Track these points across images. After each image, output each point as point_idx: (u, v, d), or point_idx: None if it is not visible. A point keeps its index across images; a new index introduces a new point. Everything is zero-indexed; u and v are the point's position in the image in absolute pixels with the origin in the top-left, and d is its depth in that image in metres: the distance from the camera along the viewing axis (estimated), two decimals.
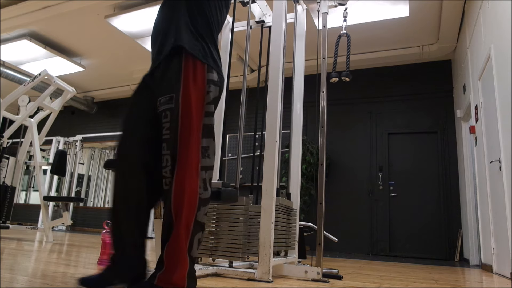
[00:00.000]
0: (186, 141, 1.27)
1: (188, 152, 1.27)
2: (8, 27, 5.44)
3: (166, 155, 1.28)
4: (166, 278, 1.22)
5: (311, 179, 5.57)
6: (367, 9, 4.63)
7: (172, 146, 1.28)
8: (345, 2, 2.58)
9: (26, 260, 2.23)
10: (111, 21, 5.14)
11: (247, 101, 2.61)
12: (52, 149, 7.95)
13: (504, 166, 2.97)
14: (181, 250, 1.24)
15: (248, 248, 2.13)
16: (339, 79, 2.45)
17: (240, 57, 5.83)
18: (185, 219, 1.25)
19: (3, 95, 6.25)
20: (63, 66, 6.73)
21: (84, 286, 1.27)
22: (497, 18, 3.08)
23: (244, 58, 2.51)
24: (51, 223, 4.13)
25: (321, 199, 2.22)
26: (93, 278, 1.29)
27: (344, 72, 2.47)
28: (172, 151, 1.27)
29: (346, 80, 2.48)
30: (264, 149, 2.15)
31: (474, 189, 4.54)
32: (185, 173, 1.26)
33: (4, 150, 4.33)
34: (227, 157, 6.30)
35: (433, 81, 5.77)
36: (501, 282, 2.67)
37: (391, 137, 5.85)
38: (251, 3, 2.69)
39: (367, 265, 3.53)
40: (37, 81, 4.25)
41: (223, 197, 1.70)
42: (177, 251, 1.25)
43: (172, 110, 1.28)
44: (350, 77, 2.48)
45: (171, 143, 1.28)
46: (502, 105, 3.01)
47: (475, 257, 4.42)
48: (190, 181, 1.26)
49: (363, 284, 2.10)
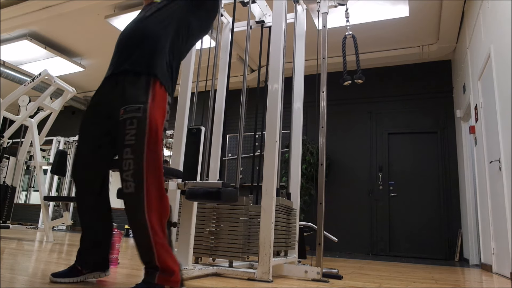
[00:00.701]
0: (153, 149, 1.35)
1: (156, 159, 1.35)
2: (8, 27, 5.44)
3: (128, 159, 1.33)
4: (166, 277, 1.32)
5: (311, 179, 5.58)
6: (367, 9, 4.63)
7: (137, 152, 1.33)
8: (345, 2, 2.58)
9: (26, 260, 2.23)
10: (111, 21, 5.14)
11: (247, 101, 2.61)
12: (52, 149, 7.96)
13: (504, 166, 2.97)
14: (169, 250, 1.36)
15: (248, 248, 2.13)
16: (352, 81, 2.44)
17: (240, 57, 5.83)
18: (162, 222, 1.35)
19: (3, 95, 6.25)
20: (63, 66, 6.73)
21: (56, 278, 1.47)
22: (497, 18, 3.08)
23: (244, 58, 2.52)
24: (51, 223, 4.13)
25: (321, 199, 2.22)
26: (63, 271, 1.51)
27: (356, 75, 2.46)
28: (136, 156, 1.33)
29: (359, 82, 2.47)
30: (264, 149, 2.15)
31: (474, 189, 4.54)
32: (155, 179, 1.34)
33: (5, 150, 4.34)
34: (227, 157, 6.31)
35: (433, 81, 5.77)
36: (501, 282, 2.67)
37: (391, 137, 5.85)
38: (251, 3, 2.69)
39: (367, 265, 3.53)
40: (37, 81, 4.26)
41: (223, 197, 1.70)
42: (167, 251, 1.35)
43: (140, 118, 1.36)
44: (363, 78, 2.46)
45: (137, 149, 1.33)
46: (502, 105, 3.01)
47: (475, 257, 4.42)
48: (160, 187, 1.35)
49: (363, 284, 2.10)
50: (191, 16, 1.64)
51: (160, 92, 1.45)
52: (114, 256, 2.18)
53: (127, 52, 1.52)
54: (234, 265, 2.20)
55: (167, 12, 1.59)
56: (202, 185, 1.76)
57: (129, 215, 1.34)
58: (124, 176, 1.32)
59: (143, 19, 1.58)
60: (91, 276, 1.57)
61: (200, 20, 1.69)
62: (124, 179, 1.32)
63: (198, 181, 1.84)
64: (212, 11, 1.74)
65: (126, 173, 1.32)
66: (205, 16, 1.71)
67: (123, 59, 1.51)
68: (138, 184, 1.31)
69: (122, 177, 1.33)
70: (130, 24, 1.60)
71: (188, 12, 1.63)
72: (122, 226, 6.88)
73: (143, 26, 1.55)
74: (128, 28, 1.59)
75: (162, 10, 1.60)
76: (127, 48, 1.53)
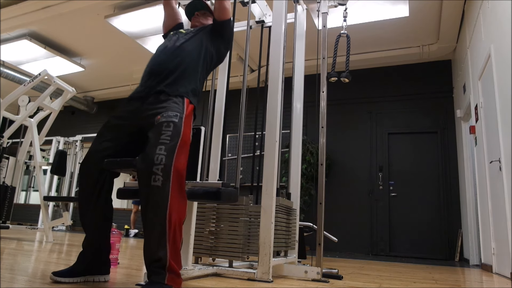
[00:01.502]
0: (182, 152, 1.50)
1: (183, 161, 1.48)
2: (8, 27, 5.44)
3: (161, 155, 1.42)
4: (173, 278, 1.37)
5: (311, 179, 5.57)
6: (367, 9, 4.63)
7: (170, 150, 1.44)
8: (345, 2, 2.58)
9: (26, 260, 2.23)
10: (111, 21, 5.14)
11: (247, 101, 2.61)
12: (52, 149, 7.96)
13: (504, 166, 2.97)
14: (178, 251, 1.42)
15: (248, 248, 2.13)
16: (338, 79, 2.45)
17: (240, 57, 5.83)
18: (180, 222, 1.43)
19: (3, 95, 6.24)
20: (63, 66, 6.73)
21: (56, 276, 1.49)
22: (497, 18, 3.08)
23: (244, 58, 2.51)
24: (51, 223, 4.13)
25: (321, 199, 2.22)
26: (64, 270, 1.53)
27: (343, 73, 2.47)
28: (168, 155, 1.43)
29: (345, 81, 2.48)
30: (264, 149, 2.15)
31: (474, 189, 4.54)
32: (179, 178, 1.43)
33: (4, 150, 4.33)
34: (227, 157, 6.31)
35: (433, 81, 5.77)
36: (501, 282, 2.67)
37: (391, 137, 5.85)
38: (251, 3, 2.69)
39: (367, 265, 3.53)
40: (37, 81, 4.25)
41: (223, 197, 1.70)
42: (177, 251, 1.39)
43: (176, 124, 1.53)
44: (350, 78, 2.48)
45: (170, 148, 1.45)
46: (502, 105, 3.01)
47: (475, 257, 4.42)
48: (182, 187, 1.45)
49: (363, 284, 2.10)
50: (213, 46, 1.91)
51: (190, 110, 1.66)
52: (114, 256, 2.18)
53: (162, 76, 1.70)
54: (234, 265, 2.20)
55: (195, 43, 1.84)
56: (202, 185, 1.76)
57: (150, 209, 1.37)
58: (154, 169, 1.38)
59: (175, 48, 1.78)
60: (91, 278, 1.58)
61: (220, 50, 1.96)
62: (153, 172, 1.37)
63: (198, 181, 1.84)
64: (230, 40, 2.02)
65: (157, 167, 1.38)
66: (224, 47, 1.98)
67: (157, 82, 1.68)
68: (166, 179, 1.37)
69: (151, 170, 1.38)
70: (163, 52, 1.79)
71: (212, 42, 1.91)
72: (122, 226, 6.88)
73: (176, 54, 1.76)
74: (162, 55, 1.78)
75: (191, 41, 1.84)
76: (161, 73, 1.71)
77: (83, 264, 1.56)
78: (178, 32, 1.94)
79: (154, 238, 1.35)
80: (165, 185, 1.36)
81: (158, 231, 1.35)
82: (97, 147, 1.62)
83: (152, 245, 1.35)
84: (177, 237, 1.39)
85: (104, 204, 1.60)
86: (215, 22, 1.96)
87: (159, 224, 1.35)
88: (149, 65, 1.78)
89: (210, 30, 1.95)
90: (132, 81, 7.40)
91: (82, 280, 1.55)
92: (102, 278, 1.60)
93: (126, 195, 1.84)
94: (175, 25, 2.08)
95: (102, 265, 1.62)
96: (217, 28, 1.95)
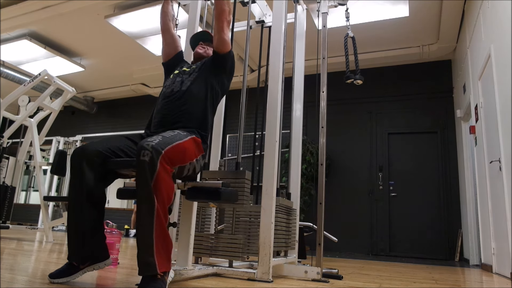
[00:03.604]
0: (179, 150, 1.52)
1: (177, 155, 1.51)
2: (8, 27, 5.44)
3: (156, 139, 1.46)
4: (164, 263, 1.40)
5: (311, 179, 5.57)
6: (367, 9, 4.63)
7: (165, 140, 1.49)
8: (345, 2, 2.58)
9: (26, 260, 2.23)
10: (111, 21, 5.14)
11: (247, 101, 2.61)
12: (52, 149, 7.96)
13: (504, 166, 2.97)
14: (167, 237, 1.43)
15: (248, 248, 2.13)
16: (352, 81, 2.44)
17: (240, 57, 5.83)
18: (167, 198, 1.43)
19: (3, 95, 6.24)
20: (63, 66, 6.73)
21: (52, 278, 1.47)
22: (497, 18, 3.08)
23: (244, 58, 2.51)
24: (51, 223, 4.13)
25: (321, 199, 2.22)
26: (59, 270, 1.51)
27: (356, 76, 2.45)
28: (164, 141, 1.47)
29: (358, 83, 2.46)
30: (264, 149, 2.15)
31: (474, 189, 4.54)
32: (169, 162, 1.44)
33: (4, 150, 4.33)
34: (227, 157, 6.30)
35: (433, 81, 5.77)
36: (501, 282, 2.67)
37: (391, 137, 5.85)
38: (251, 3, 2.69)
39: (367, 265, 3.53)
40: (37, 81, 4.25)
41: (223, 197, 1.70)
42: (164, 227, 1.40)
43: (180, 133, 1.60)
44: (363, 79, 2.46)
45: (167, 140, 1.49)
46: (502, 105, 3.01)
47: (475, 257, 4.42)
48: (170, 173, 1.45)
49: (363, 284, 2.10)
50: (218, 82, 1.93)
51: (198, 139, 1.71)
52: (114, 256, 2.17)
53: (174, 116, 1.77)
54: (234, 265, 2.19)
55: (200, 84, 1.86)
56: (202, 185, 1.75)
57: (139, 184, 1.38)
58: (145, 144, 1.39)
59: (182, 94, 1.82)
60: (90, 269, 1.54)
61: (224, 84, 1.98)
62: (144, 147, 1.38)
63: (198, 181, 1.84)
64: (232, 71, 2.02)
65: (147, 143, 1.39)
66: (227, 79, 2.00)
67: (169, 122, 1.75)
68: (155, 157, 1.37)
69: (142, 145, 1.39)
70: (171, 100, 1.82)
71: (216, 77, 1.92)
72: (122, 226, 6.88)
73: (184, 101, 1.80)
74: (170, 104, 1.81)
75: (197, 82, 1.86)
76: (170, 122, 1.76)
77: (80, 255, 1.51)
78: (181, 71, 1.95)
79: (144, 213, 1.36)
80: (153, 160, 1.36)
81: (146, 205, 1.36)
82: (102, 143, 1.63)
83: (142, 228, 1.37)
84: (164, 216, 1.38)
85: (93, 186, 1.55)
86: (216, 54, 1.95)
87: (146, 198, 1.35)
88: (158, 115, 1.82)
89: (211, 64, 1.94)
90: (132, 81, 7.39)
91: (81, 274, 1.52)
92: (102, 265, 1.56)
93: (126, 195, 1.84)
94: (175, 54, 2.09)
95: (101, 249, 1.57)
96: (219, 60, 1.94)
